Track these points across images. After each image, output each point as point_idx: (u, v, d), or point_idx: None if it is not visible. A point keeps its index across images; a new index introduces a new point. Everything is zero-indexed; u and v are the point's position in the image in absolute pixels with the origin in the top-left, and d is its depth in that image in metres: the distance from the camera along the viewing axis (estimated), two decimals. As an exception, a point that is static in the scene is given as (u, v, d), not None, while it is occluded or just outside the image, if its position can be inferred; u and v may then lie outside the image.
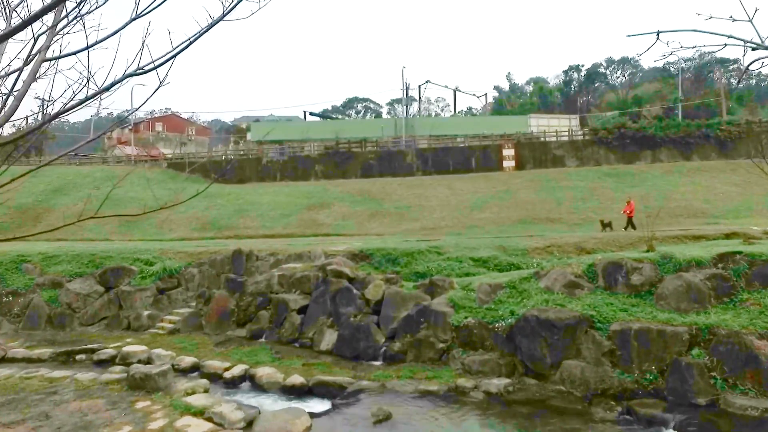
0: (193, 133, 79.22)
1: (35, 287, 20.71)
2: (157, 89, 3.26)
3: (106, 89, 3.04)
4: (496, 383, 12.54)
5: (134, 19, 2.83)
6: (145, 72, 3.02)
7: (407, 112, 64.06)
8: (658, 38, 3.46)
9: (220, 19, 2.83)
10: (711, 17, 3.34)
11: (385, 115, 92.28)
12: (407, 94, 60.09)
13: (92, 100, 3.08)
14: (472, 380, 12.86)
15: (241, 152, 50.33)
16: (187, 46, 2.90)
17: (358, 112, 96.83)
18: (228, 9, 2.78)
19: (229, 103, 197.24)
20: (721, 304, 12.52)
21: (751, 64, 3.76)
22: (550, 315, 13.05)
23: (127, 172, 40.96)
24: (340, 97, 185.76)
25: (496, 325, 13.84)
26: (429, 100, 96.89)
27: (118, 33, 2.95)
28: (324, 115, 76.18)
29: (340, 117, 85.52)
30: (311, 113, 71.55)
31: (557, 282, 14.32)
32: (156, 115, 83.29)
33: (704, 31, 3.36)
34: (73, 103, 3.15)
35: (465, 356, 13.79)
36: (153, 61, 2.95)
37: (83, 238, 30.03)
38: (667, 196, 32.07)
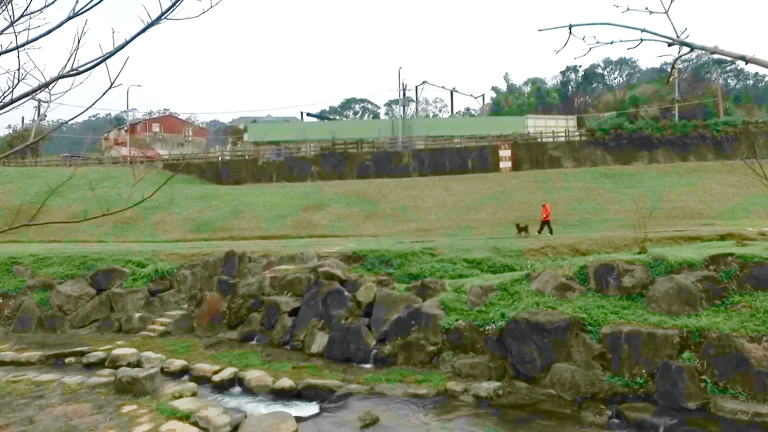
0: (191, 133, 79.04)
1: (26, 289, 20.59)
2: (106, 91, 3.15)
3: (33, 92, 2.94)
4: (486, 387, 12.44)
5: (71, 18, 2.73)
6: (79, 73, 2.92)
7: (404, 112, 63.98)
8: (570, 33, 3.25)
9: (158, 20, 2.73)
10: (628, 9, 3.16)
11: (382, 116, 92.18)
12: (404, 94, 59.99)
13: (21, 102, 2.98)
14: (461, 383, 12.76)
15: (238, 153, 50.22)
16: (120, 48, 2.79)
17: (355, 113, 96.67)
18: (165, 10, 2.68)
19: (227, 104, 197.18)
20: (713, 307, 12.43)
21: (677, 59, 3.55)
22: (540, 318, 12.96)
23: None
24: (337, 97, 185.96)
25: (487, 327, 13.74)
26: (426, 101, 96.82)
27: (54, 32, 2.87)
28: (321, 115, 76.03)
29: (337, 118, 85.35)
30: (308, 114, 71.40)
31: (548, 284, 14.23)
32: (154, 116, 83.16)
33: (618, 25, 3.16)
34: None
35: (455, 359, 13.69)
36: (92, 61, 2.85)
37: (77, 240, 29.93)
38: (663, 196, 31.98)
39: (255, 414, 11.40)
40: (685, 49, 3.08)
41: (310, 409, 12.13)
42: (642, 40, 3.10)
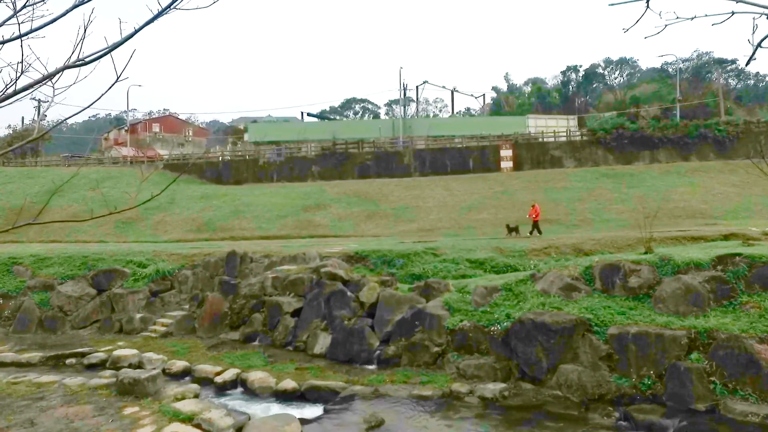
0: (191, 133, 78.85)
1: (26, 290, 20.45)
2: (113, 84, 3.02)
3: (37, 83, 2.81)
4: (492, 388, 12.31)
5: (77, 6, 2.61)
6: (85, 64, 2.80)
7: (405, 112, 63.87)
8: (648, 6, 2.97)
9: (167, 8, 2.60)
10: None
11: (383, 116, 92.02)
12: (405, 94, 59.90)
13: (25, 94, 2.86)
14: (467, 385, 12.63)
15: (239, 153, 50.08)
16: (130, 37, 2.66)
17: (356, 113, 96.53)
18: (173, -3, 2.56)
19: (227, 104, 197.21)
20: (721, 307, 12.29)
21: (763, 39, 3.12)
22: (546, 318, 12.83)
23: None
24: (338, 97, 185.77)
25: (492, 328, 13.61)
26: (427, 101, 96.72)
27: (57, 21, 2.74)
28: (322, 115, 75.91)
29: (338, 118, 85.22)
30: (309, 114, 71.31)
31: (554, 284, 14.09)
32: (154, 116, 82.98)
33: None
34: None
35: (460, 360, 13.55)
36: (98, 52, 2.73)
37: (77, 240, 29.79)
38: (665, 196, 31.86)
39: (258, 416, 11.27)
40: None
41: (314, 410, 12.00)
42: (733, 12, 2.79)
